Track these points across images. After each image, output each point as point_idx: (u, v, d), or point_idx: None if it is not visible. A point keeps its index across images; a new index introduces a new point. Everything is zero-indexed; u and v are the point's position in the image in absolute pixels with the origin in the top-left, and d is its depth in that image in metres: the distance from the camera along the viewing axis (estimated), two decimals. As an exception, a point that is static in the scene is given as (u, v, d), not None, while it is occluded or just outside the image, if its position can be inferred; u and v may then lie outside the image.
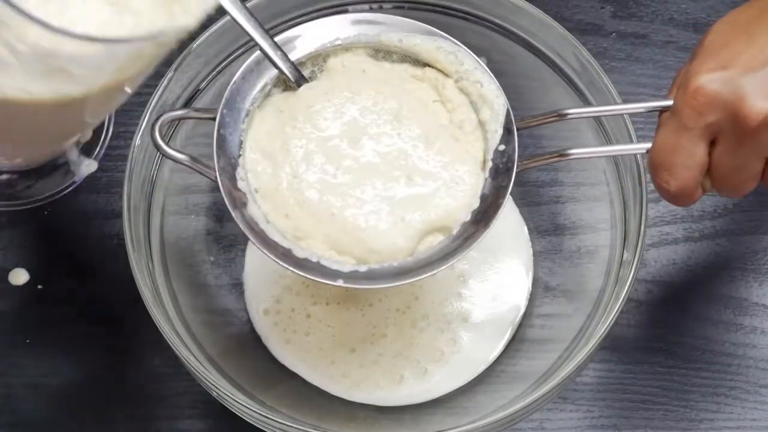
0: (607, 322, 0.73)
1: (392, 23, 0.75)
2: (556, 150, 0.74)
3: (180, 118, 0.72)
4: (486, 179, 0.73)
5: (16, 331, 0.85)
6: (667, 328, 0.85)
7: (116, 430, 0.83)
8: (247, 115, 0.73)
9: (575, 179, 0.85)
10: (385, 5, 0.81)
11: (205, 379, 0.72)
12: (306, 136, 0.73)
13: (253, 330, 0.84)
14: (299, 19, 0.80)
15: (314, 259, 0.72)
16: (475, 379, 0.83)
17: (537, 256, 0.85)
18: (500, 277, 0.85)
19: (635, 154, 0.75)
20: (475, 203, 0.73)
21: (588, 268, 0.82)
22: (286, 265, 0.71)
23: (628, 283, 0.73)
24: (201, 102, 0.79)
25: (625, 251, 0.76)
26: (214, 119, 0.72)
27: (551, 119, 0.73)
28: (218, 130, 0.72)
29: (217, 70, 0.79)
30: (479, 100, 0.74)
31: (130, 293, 0.85)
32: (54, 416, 0.83)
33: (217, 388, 0.72)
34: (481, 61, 0.74)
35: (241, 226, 0.71)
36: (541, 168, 0.85)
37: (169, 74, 0.77)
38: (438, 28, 0.79)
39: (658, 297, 0.86)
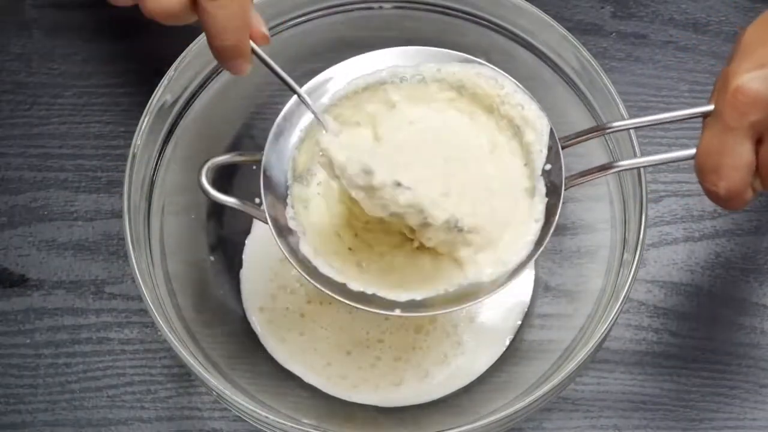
0: (607, 322, 0.73)
1: (425, 54, 0.75)
2: (600, 164, 0.73)
3: (225, 164, 0.72)
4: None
5: (17, 331, 0.85)
6: (667, 328, 0.85)
7: (116, 431, 0.83)
8: (293, 151, 0.73)
9: (575, 179, 0.85)
10: (385, 5, 0.81)
11: (205, 380, 0.72)
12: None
13: (251, 329, 0.84)
14: (299, 19, 0.80)
15: (369, 292, 0.72)
16: (475, 379, 0.82)
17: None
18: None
19: (634, 152, 0.75)
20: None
21: (588, 268, 0.82)
22: (343, 299, 0.71)
23: (628, 283, 0.73)
24: (201, 101, 0.79)
25: (625, 251, 0.76)
26: (259, 162, 0.72)
27: (593, 134, 0.73)
28: (264, 173, 0.72)
29: (217, 70, 0.79)
30: (522, 123, 0.74)
31: (132, 293, 0.86)
32: (54, 417, 0.83)
33: (216, 388, 0.72)
34: (520, 84, 0.74)
35: (293, 263, 0.72)
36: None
37: (170, 74, 0.77)
38: (438, 28, 0.78)
39: (658, 297, 0.86)
